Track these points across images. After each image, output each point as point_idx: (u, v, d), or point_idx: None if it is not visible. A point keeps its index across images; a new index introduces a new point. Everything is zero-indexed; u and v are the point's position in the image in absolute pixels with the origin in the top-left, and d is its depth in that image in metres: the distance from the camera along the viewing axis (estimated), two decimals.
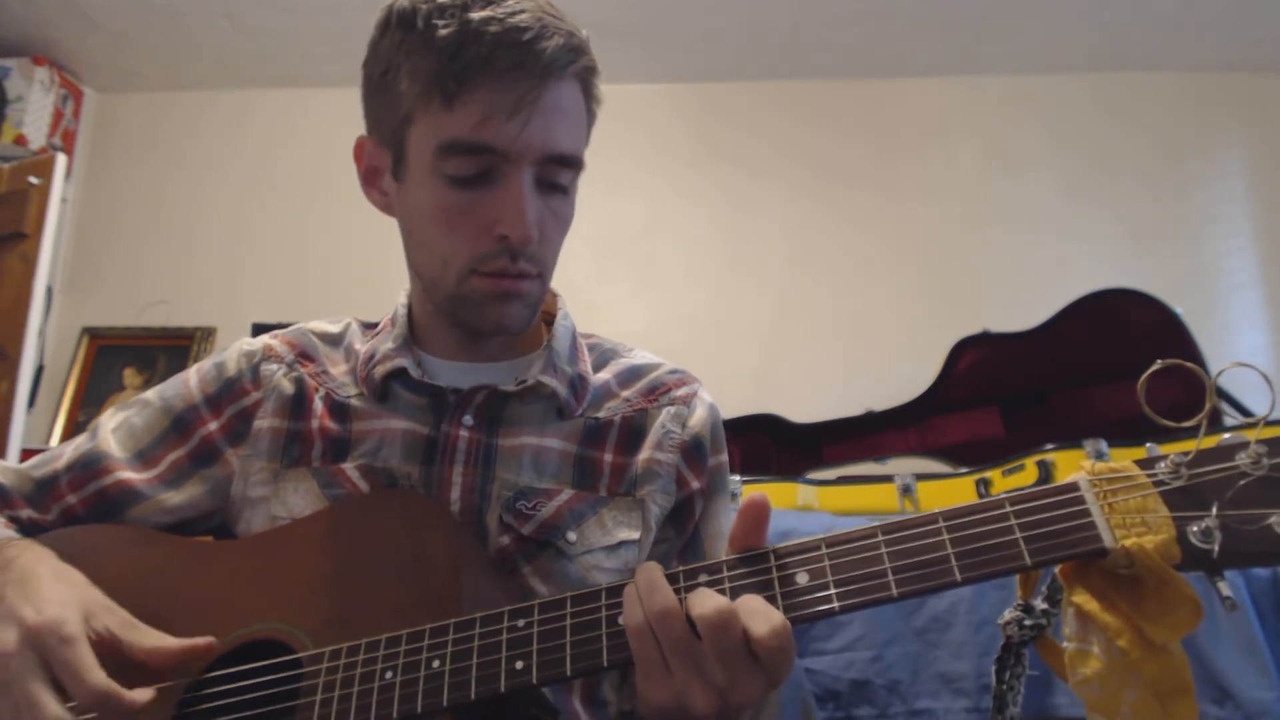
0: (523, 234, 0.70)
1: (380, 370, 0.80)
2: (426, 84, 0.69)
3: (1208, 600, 0.50)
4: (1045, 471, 1.79)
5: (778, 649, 0.52)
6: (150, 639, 0.65)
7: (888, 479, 2.03)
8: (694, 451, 0.83)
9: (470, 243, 0.72)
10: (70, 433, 2.74)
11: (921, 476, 2.02)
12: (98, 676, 0.59)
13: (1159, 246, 2.73)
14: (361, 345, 0.86)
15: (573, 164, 0.74)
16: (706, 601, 0.54)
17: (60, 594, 0.64)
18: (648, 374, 0.87)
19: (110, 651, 0.63)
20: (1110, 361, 2.13)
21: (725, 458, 0.87)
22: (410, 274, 0.84)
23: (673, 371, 0.88)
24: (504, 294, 0.74)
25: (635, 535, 0.78)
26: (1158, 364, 0.54)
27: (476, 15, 0.67)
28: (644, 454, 0.81)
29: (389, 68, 0.72)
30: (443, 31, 0.67)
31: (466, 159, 0.69)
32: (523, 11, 0.68)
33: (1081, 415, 2.17)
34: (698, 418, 0.84)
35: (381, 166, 0.78)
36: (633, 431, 0.82)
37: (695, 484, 0.83)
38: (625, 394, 0.85)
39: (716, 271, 2.85)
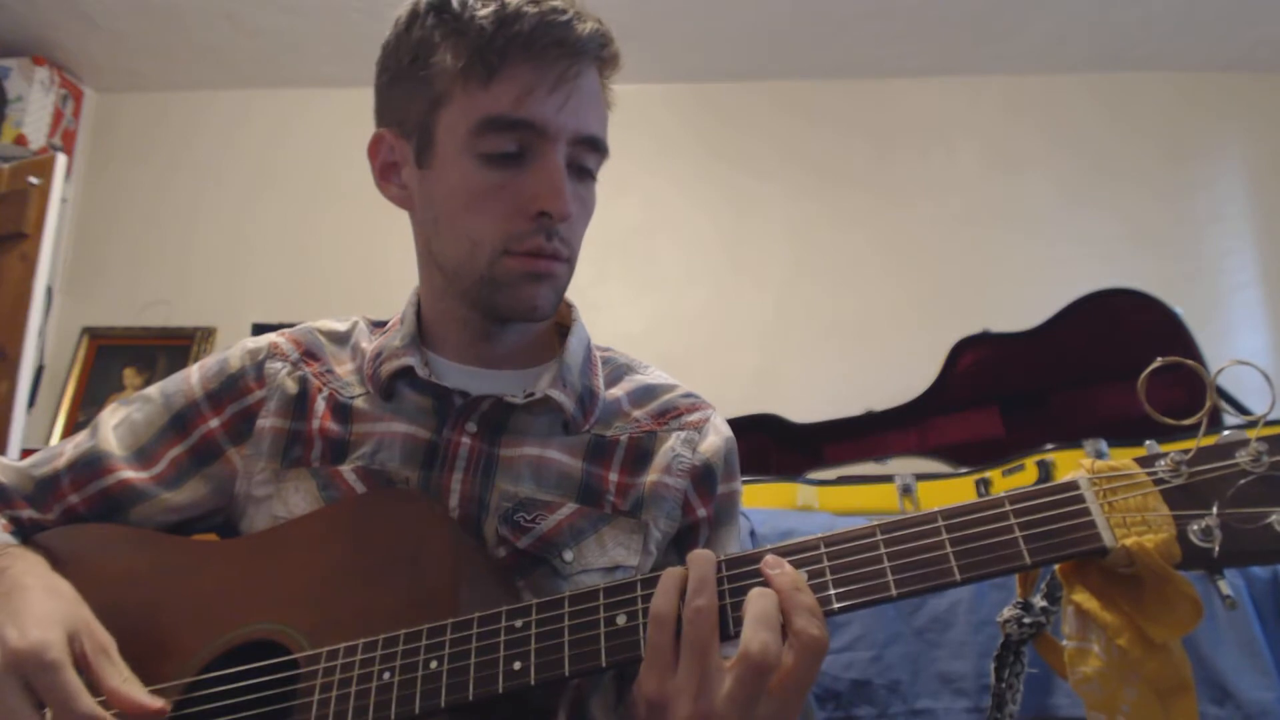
0: (562, 209, 0.71)
1: (387, 368, 0.79)
2: (468, 61, 0.70)
3: (1207, 599, 0.50)
4: (1045, 471, 1.79)
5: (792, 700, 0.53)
6: (112, 678, 0.62)
7: (888, 479, 2.03)
8: (704, 478, 0.82)
9: (505, 222, 0.72)
10: (70, 433, 2.73)
11: (921, 476, 2.02)
12: (85, 703, 0.58)
13: (1159, 247, 2.73)
14: (368, 344, 0.85)
15: (601, 148, 0.76)
16: (758, 635, 0.52)
17: (47, 612, 0.63)
18: (661, 395, 0.86)
19: (86, 673, 0.62)
20: (1110, 361, 2.12)
21: (738, 487, 0.86)
22: (423, 270, 0.83)
23: (686, 395, 0.87)
24: (536, 274, 0.73)
25: (633, 561, 0.77)
26: (1158, 361, 0.54)
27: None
28: (651, 476, 0.80)
29: (418, 55, 0.74)
30: (482, 12, 0.70)
31: (504, 135, 0.71)
32: None
33: (1081, 415, 2.16)
34: (710, 444, 0.83)
35: (400, 160, 0.78)
36: (640, 453, 0.81)
37: (701, 511, 0.81)
38: (636, 414, 0.84)
39: (716, 272, 2.85)
